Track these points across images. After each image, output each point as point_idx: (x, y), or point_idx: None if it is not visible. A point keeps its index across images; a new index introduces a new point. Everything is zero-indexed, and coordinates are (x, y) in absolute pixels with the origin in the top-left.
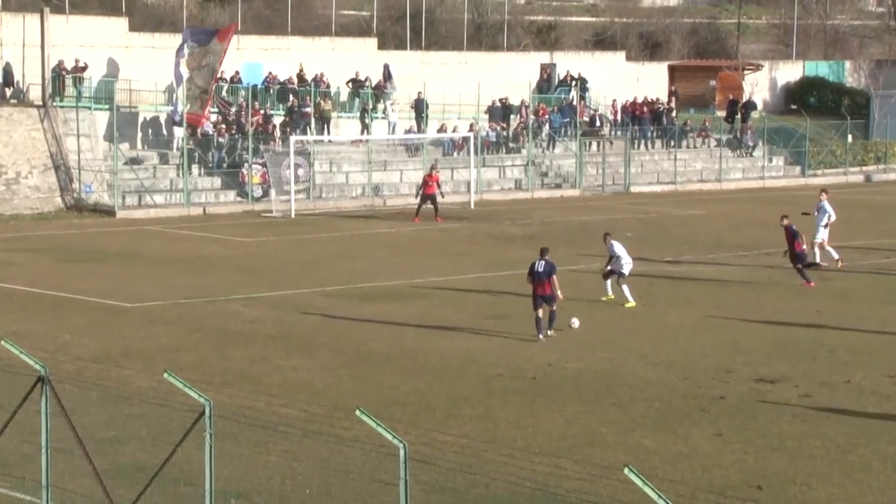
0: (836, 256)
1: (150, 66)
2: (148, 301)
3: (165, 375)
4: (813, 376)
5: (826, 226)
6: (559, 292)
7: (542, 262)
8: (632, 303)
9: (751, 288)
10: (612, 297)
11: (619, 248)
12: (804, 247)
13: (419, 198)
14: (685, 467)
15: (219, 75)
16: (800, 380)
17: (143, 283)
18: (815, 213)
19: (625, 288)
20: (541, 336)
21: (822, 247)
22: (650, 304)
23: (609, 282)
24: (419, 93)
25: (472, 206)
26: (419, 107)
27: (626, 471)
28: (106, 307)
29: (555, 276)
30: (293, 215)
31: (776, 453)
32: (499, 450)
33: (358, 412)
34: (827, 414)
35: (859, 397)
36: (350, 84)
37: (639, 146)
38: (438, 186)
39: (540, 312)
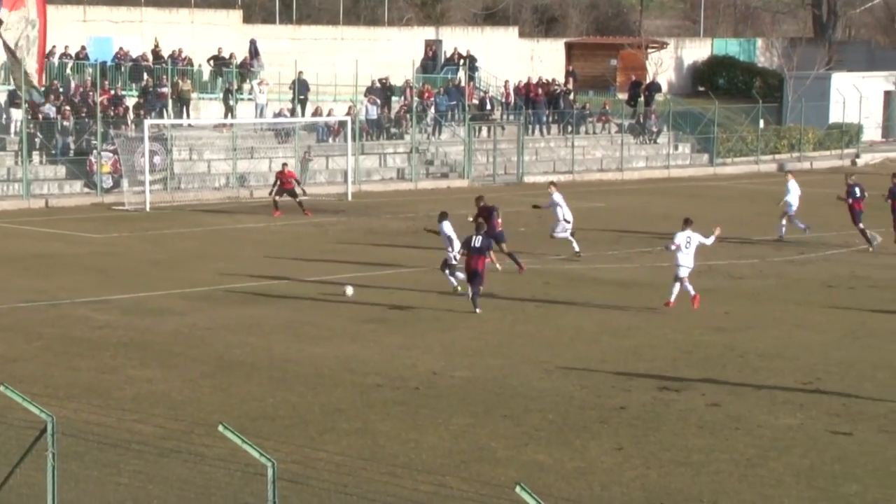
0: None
1: None
2: None
3: (2, 388)
4: (721, 384)
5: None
6: (498, 265)
7: (479, 238)
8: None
9: (654, 288)
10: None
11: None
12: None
13: (274, 191)
14: (583, 484)
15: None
16: (707, 388)
17: None
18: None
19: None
20: (478, 310)
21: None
22: (545, 306)
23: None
24: (300, 73)
25: (350, 197)
26: (299, 88)
27: (517, 489)
28: None
29: (490, 253)
30: (148, 208)
31: (681, 468)
32: (378, 468)
33: (221, 427)
34: (736, 424)
35: (771, 406)
36: (212, 62)
37: (533, 132)
38: (298, 183)
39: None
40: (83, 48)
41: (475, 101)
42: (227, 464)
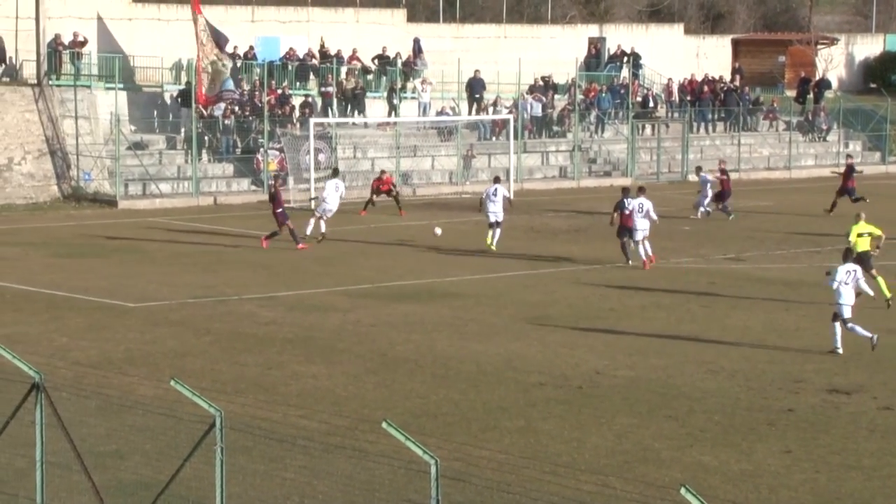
0: None
1: (155, 40)
2: (153, 301)
3: (172, 383)
4: (894, 387)
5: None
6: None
7: (630, 200)
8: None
9: (823, 288)
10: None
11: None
12: None
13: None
14: (749, 487)
15: (209, 49)
16: (879, 390)
17: (148, 281)
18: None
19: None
20: (630, 262)
21: None
22: (710, 305)
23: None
24: (476, 71)
25: (512, 196)
26: (474, 87)
27: (682, 491)
28: (106, 307)
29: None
30: (313, 206)
31: (851, 472)
32: (541, 466)
33: (385, 424)
34: None
35: None
36: (376, 61)
37: (698, 130)
38: (394, 186)
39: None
40: (251, 48)
41: (639, 99)
42: (390, 460)
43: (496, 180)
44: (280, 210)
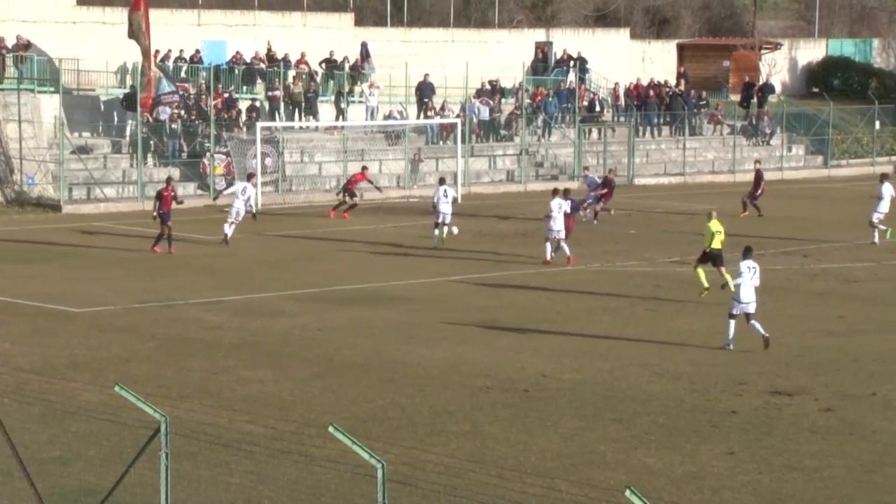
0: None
1: (100, 44)
2: (97, 306)
3: (117, 388)
4: (835, 388)
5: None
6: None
7: (569, 201)
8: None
9: (768, 292)
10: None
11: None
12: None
13: (345, 194)
14: (693, 489)
15: (152, 53)
16: (820, 392)
17: (92, 286)
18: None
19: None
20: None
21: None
22: (656, 308)
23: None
24: (426, 75)
25: (460, 199)
26: (422, 90)
27: (627, 493)
28: (51, 313)
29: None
30: (260, 210)
31: (793, 473)
32: (487, 470)
33: (331, 428)
34: (850, 430)
35: (886, 411)
36: (324, 65)
37: (644, 133)
38: (371, 183)
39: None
40: (197, 51)
41: (585, 103)
42: (336, 465)
43: (441, 181)
44: (164, 211)
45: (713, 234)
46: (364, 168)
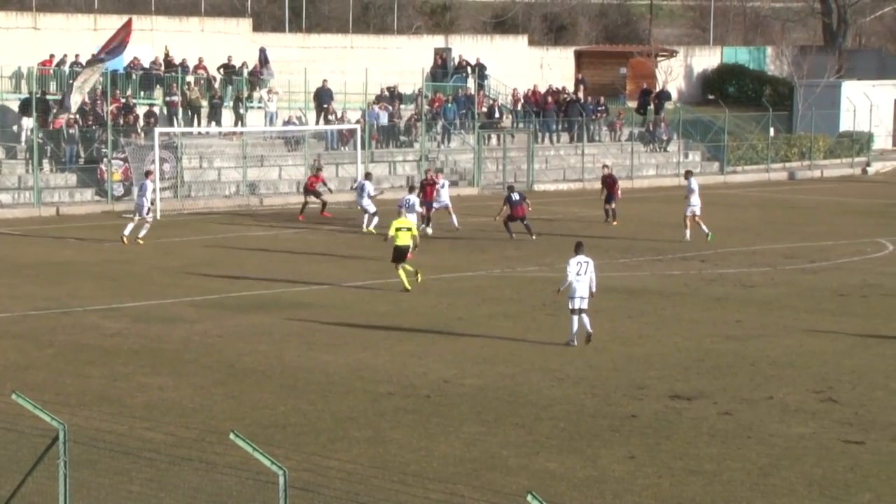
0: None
1: None
2: None
3: (13, 396)
4: (733, 392)
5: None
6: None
7: (517, 195)
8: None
9: (665, 296)
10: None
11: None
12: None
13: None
14: (594, 493)
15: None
16: (719, 396)
17: None
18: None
19: None
20: (513, 236)
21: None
22: (556, 314)
23: None
24: (324, 81)
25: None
26: (321, 96)
27: (529, 498)
28: None
29: (527, 200)
30: (158, 216)
31: (693, 477)
32: (390, 476)
33: (232, 435)
34: (748, 433)
35: (783, 415)
36: (222, 70)
37: (543, 140)
38: (325, 184)
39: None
40: (93, 56)
41: (485, 110)
42: (238, 472)
43: (366, 176)
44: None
45: (399, 230)
46: (318, 170)
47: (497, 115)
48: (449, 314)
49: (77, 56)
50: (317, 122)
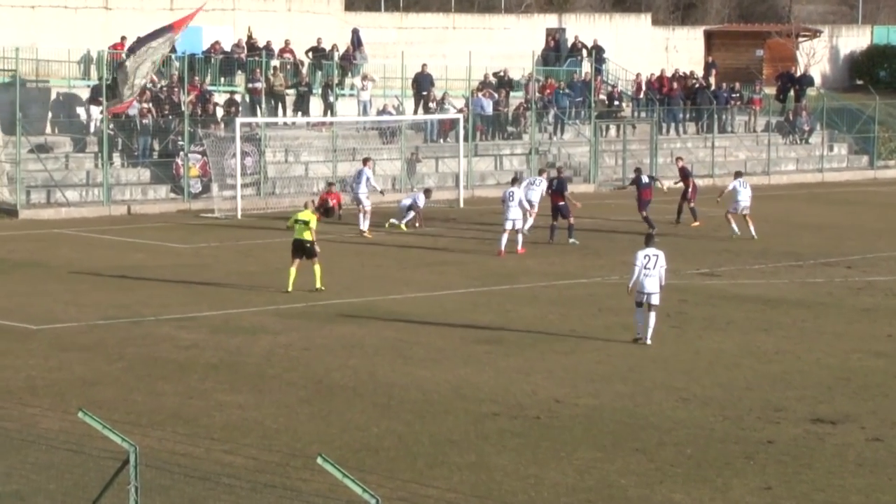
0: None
1: (61, 30)
2: (58, 322)
3: (80, 415)
4: (884, 416)
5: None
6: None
7: (557, 181)
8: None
9: (806, 307)
10: None
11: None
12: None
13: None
14: None
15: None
16: (867, 420)
17: (53, 301)
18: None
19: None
20: (552, 240)
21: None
22: (682, 325)
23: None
24: (423, 65)
25: (462, 204)
26: (420, 83)
27: (319, 460)
28: (6, 330)
29: (567, 191)
30: (239, 216)
31: None
32: None
33: (320, 459)
34: None
35: None
36: (311, 54)
37: (668, 131)
38: (340, 207)
39: (555, 223)
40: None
41: (602, 97)
42: (326, 500)
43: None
44: None
45: (297, 222)
46: (332, 185)
47: (616, 102)
48: (560, 326)
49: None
50: (415, 112)
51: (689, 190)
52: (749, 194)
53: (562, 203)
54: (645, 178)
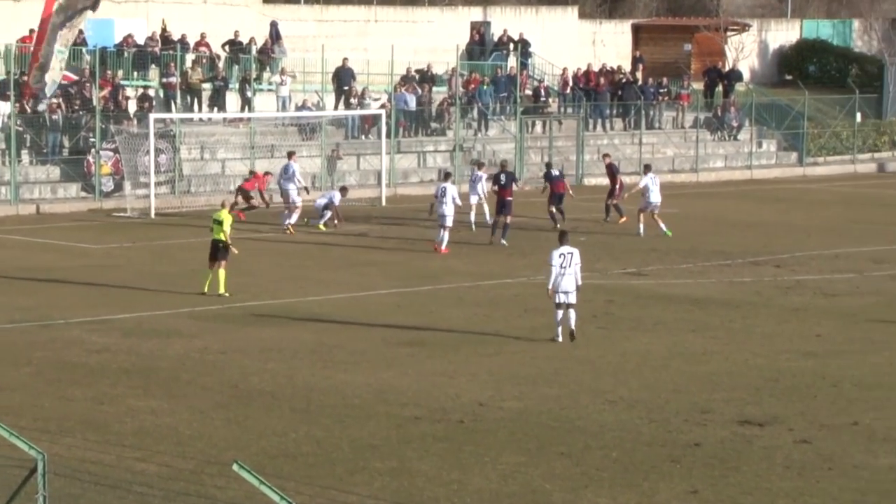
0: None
1: None
2: None
3: None
4: (812, 417)
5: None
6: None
7: (504, 175)
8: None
9: (735, 307)
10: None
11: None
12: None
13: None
14: None
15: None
16: (795, 422)
17: None
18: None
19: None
20: (492, 241)
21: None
22: (609, 326)
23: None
24: (344, 60)
25: (384, 202)
26: (341, 77)
27: (235, 467)
28: None
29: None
30: (153, 215)
31: None
32: None
33: (236, 466)
34: (828, 464)
35: (869, 443)
36: (227, 48)
37: (595, 127)
38: (261, 193)
39: (499, 219)
40: (80, 32)
41: (528, 92)
42: None
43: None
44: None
45: (216, 222)
46: (252, 173)
47: (542, 98)
48: (485, 327)
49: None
50: (336, 108)
51: (617, 187)
52: (659, 192)
53: (509, 199)
54: (555, 172)
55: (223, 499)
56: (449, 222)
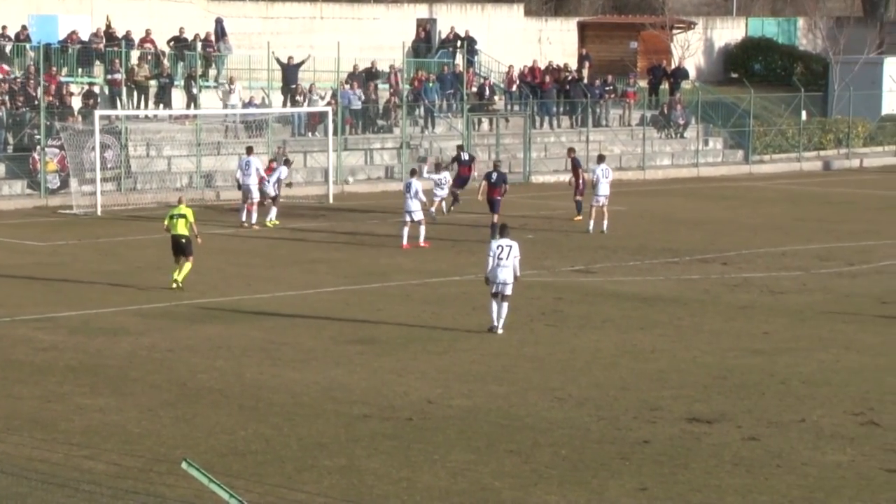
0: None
1: None
2: None
3: None
4: (759, 415)
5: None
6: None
7: (496, 173)
8: None
9: (683, 304)
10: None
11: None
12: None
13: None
14: None
15: None
16: (743, 419)
17: None
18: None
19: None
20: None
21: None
22: (558, 324)
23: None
24: (290, 57)
25: (331, 199)
26: (289, 74)
27: (184, 465)
28: None
29: (506, 185)
30: (99, 212)
31: None
32: None
33: (184, 464)
34: (776, 461)
35: (817, 440)
36: (173, 44)
37: (541, 125)
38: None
39: (495, 218)
40: (24, 28)
41: (474, 90)
42: None
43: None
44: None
45: (172, 218)
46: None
47: (488, 95)
48: (434, 325)
49: (4, 28)
50: (283, 105)
51: (580, 182)
52: (608, 185)
53: (498, 198)
54: (465, 156)
55: (172, 497)
56: (417, 217)
